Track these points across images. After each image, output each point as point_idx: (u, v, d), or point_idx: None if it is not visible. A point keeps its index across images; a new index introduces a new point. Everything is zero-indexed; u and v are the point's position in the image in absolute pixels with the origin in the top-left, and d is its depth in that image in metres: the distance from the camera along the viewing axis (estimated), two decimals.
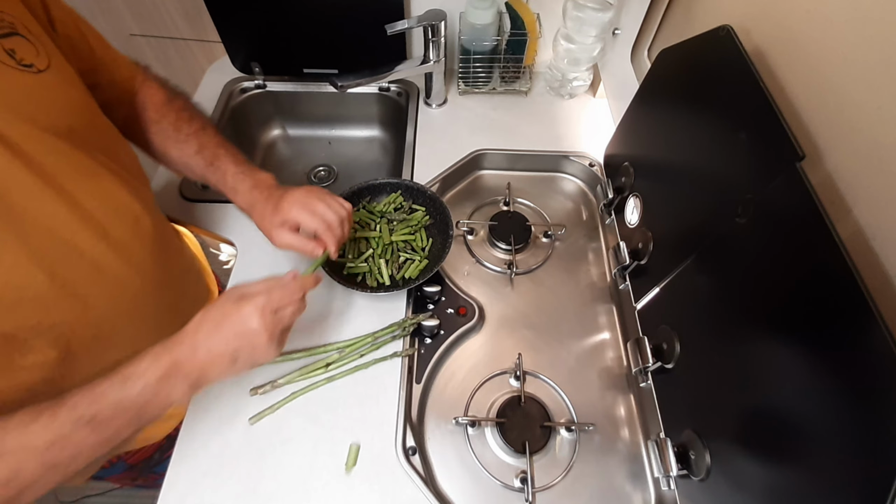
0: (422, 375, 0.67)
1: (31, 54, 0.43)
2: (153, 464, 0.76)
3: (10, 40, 0.41)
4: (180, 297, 0.63)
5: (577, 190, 0.92)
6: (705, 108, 0.57)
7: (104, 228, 0.48)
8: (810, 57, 0.47)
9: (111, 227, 0.48)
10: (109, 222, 0.48)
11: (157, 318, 0.57)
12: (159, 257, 0.57)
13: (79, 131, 0.46)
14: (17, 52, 0.41)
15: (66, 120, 0.45)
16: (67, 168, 0.44)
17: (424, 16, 0.82)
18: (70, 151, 0.45)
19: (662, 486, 0.59)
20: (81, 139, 0.46)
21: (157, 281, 0.56)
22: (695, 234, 0.57)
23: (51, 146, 0.43)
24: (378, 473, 0.59)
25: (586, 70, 0.95)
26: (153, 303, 0.56)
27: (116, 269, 0.49)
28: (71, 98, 0.47)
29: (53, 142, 0.43)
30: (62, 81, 0.46)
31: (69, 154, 0.45)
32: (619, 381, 0.69)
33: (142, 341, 0.53)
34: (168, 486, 0.58)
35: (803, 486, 0.38)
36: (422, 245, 0.76)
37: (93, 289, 0.48)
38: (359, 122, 1.10)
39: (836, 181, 0.44)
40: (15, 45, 0.41)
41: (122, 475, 0.75)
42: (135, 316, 0.54)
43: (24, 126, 0.41)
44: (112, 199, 0.49)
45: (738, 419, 0.47)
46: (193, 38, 1.19)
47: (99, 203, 0.47)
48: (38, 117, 0.42)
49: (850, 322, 0.36)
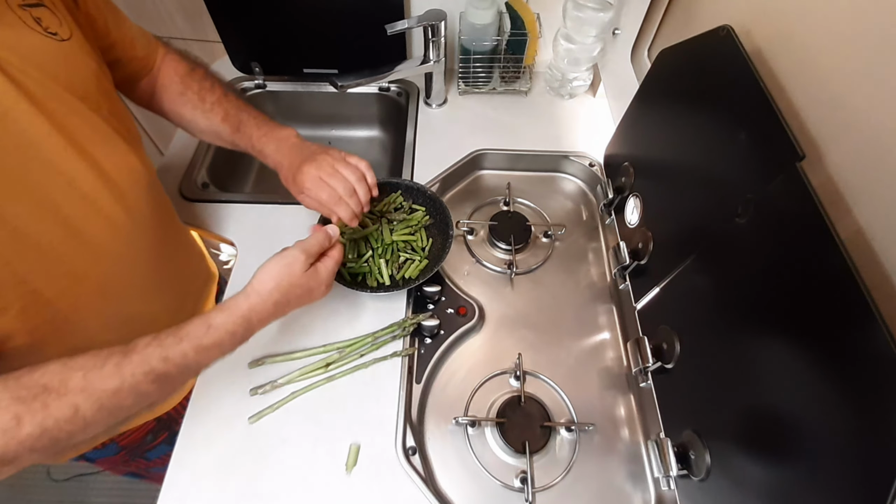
0: (422, 375, 0.67)
1: (55, 24, 0.45)
2: (145, 446, 0.76)
3: (37, 10, 0.44)
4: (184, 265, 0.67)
5: (577, 190, 0.92)
6: (705, 108, 0.57)
7: (121, 190, 0.51)
8: (810, 57, 0.47)
9: (127, 190, 0.51)
10: (125, 184, 0.51)
11: (160, 281, 0.60)
12: (165, 224, 0.61)
13: (95, 97, 0.49)
14: (43, 21, 0.44)
15: (85, 85, 0.48)
16: (87, 129, 0.47)
17: (424, 16, 0.82)
18: (88, 114, 0.47)
19: (662, 486, 0.59)
20: (97, 105, 0.49)
21: (165, 244, 0.60)
22: (695, 234, 0.57)
23: (73, 107, 0.46)
24: (378, 473, 0.59)
25: (586, 70, 0.95)
26: (158, 265, 0.59)
27: (129, 229, 0.52)
28: (89, 67, 0.49)
29: (75, 103, 0.46)
30: (82, 51, 0.48)
31: (88, 116, 0.47)
32: (619, 381, 0.69)
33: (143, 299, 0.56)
34: (168, 485, 0.58)
35: (803, 486, 0.38)
36: (422, 245, 0.76)
37: (105, 242, 0.50)
38: (359, 122, 1.10)
39: (836, 181, 0.44)
40: (41, 15, 0.44)
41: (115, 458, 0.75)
42: (141, 276, 0.56)
43: (51, 85, 0.43)
44: (126, 163, 0.52)
45: (738, 419, 0.47)
46: (193, 38, 1.19)
47: (114, 165, 0.50)
48: (63, 79, 0.45)
49: (850, 322, 0.36)
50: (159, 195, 0.60)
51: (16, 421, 0.37)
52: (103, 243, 0.50)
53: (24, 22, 0.42)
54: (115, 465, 0.81)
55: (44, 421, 0.38)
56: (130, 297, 0.57)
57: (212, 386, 0.65)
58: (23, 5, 0.43)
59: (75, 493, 1.35)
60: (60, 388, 0.39)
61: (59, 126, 0.44)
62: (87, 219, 0.48)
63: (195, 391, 0.65)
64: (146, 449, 0.77)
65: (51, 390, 0.39)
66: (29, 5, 0.43)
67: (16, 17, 0.42)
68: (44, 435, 0.38)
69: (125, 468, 0.83)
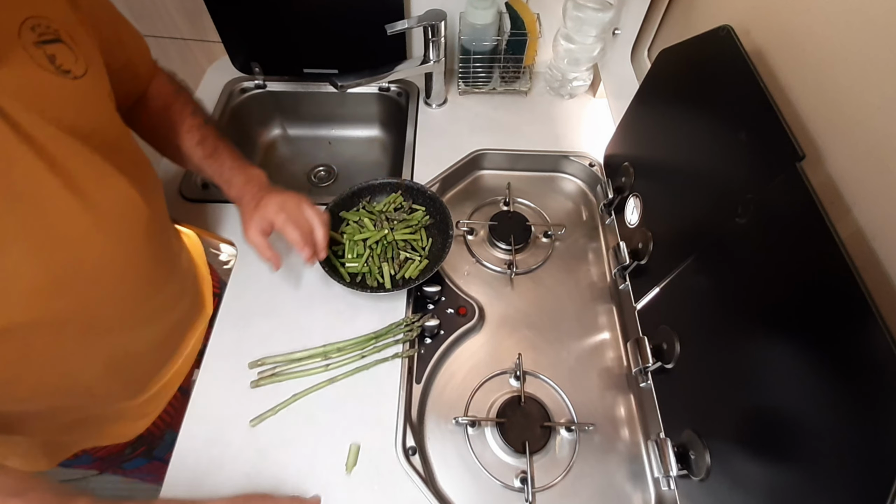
0: (422, 375, 0.67)
1: (70, 61, 0.45)
2: (123, 459, 0.75)
3: (52, 46, 0.43)
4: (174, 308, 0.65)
5: (577, 190, 0.92)
6: (705, 108, 0.57)
7: (115, 231, 0.50)
8: (810, 57, 0.47)
9: (121, 230, 0.50)
10: (121, 225, 0.50)
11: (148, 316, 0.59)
12: (160, 262, 0.59)
13: (100, 136, 0.48)
14: (58, 59, 0.44)
15: (91, 125, 0.47)
16: (86, 169, 0.46)
17: (424, 16, 0.82)
18: (89, 154, 0.46)
19: (662, 486, 0.59)
20: (101, 141, 0.48)
21: (155, 287, 0.58)
22: (695, 234, 0.57)
23: (73, 148, 0.45)
24: (378, 473, 0.59)
25: (586, 70, 0.95)
26: (147, 304, 0.57)
27: (118, 271, 0.51)
28: (100, 106, 0.49)
29: (75, 144, 0.45)
30: (95, 88, 0.48)
31: (88, 157, 0.46)
32: (619, 381, 0.69)
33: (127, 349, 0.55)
34: (168, 486, 0.58)
35: (803, 485, 0.38)
36: (422, 245, 0.76)
37: (93, 288, 0.49)
38: (359, 122, 1.10)
39: (836, 181, 0.44)
40: (56, 51, 0.44)
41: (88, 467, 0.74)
42: (129, 315, 0.55)
43: (51, 128, 0.43)
44: (125, 201, 0.51)
45: (738, 419, 0.47)
46: (193, 38, 1.19)
47: (112, 205, 0.49)
48: (67, 121, 0.44)
49: (850, 322, 0.36)
50: (160, 227, 0.58)
51: None
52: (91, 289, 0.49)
53: (35, 61, 0.42)
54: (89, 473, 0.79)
55: None
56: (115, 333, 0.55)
57: (212, 386, 0.65)
58: (38, 42, 0.42)
59: None
60: None
61: (57, 168, 0.43)
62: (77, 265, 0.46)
63: (195, 391, 0.65)
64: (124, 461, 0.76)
65: None
66: (45, 41, 0.43)
67: (27, 55, 0.41)
68: None
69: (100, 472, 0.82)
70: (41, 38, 0.42)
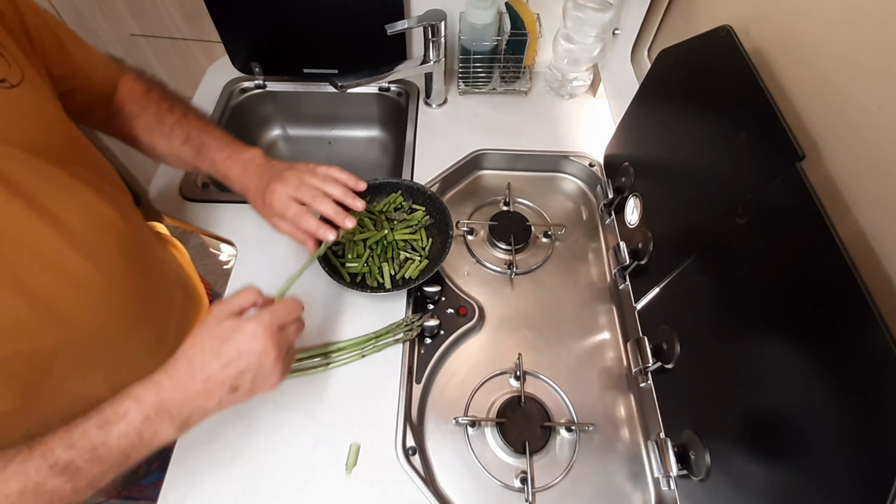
0: (422, 375, 0.67)
1: (3, 69, 0.40)
2: (139, 477, 0.74)
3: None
4: (166, 311, 0.61)
5: (577, 190, 0.92)
6: (705, 109, 0.57)
7: (90, 247, 0.45)
8: (810, 57, 0.47)
9: (96, 245, 0.46)
10: (94, 239, 0.46)
11: (142, 335, 0.55)
12: (144, 270, 0.55)
13: (54, 146, 0.44)
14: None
15: (42, 136, 0.43)
16: (46, 185, 0.42)
17: (424, 16, 0.82)
18: (47, 168, 0.42)
19: (662, 486, 0.59)
20: (57, 154, 0.44)
21: (142, 296, 0.54)
22: (695, 234, 0.57)
23: (28, 164, 0.41)
24: (378, 473, 0.59)
25: (586, 70, 0.95)
26: (137, 320, 0.54)
27: (101, 287, 0.47)
28: (45, 113, 0.44)
29: (30, 159, 0.41)
30: (36, 96, 0.44)
31: (46, 170, 0.42)
32: (619, 381, 0.69)
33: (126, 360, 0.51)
34: (168, 486, 0.58)
35: (803, 486, 0.38)
36: (422, 245, 0.76)
37: (77, 309, 0.45)
38: (359, 122, 1.10)
39: (836, 181, 0.44)
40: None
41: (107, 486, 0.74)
42: (119, 335, 0.52)
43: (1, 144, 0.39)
44: (94, 214, 0.47)
45: (738, 419, 0.47)
46: (193, 38, 1.19)
47: (81, 219, 0.45)
48: (13, 135, 0.40)
49: (850, 322, 0.36)
50: (137, 237, 0.54)
51: None
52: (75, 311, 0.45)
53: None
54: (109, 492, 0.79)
55: None
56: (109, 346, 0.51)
57: None
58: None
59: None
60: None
61: (14, 188, 0.39)
62: (55, 289, 0.43)
63: None
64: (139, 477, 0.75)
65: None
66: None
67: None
68: None
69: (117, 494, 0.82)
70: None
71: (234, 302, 0.47)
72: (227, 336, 0.44)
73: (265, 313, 0.46)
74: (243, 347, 0.44)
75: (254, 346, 0.44)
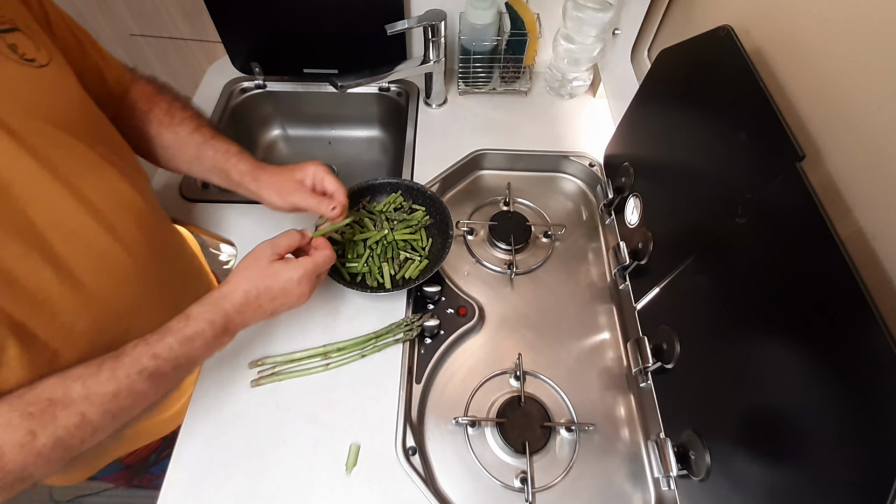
0: (422, 375, 0.67)
1: (32, 50, 0.43)
2: (149, 465, 0.76)
3: (12, 35, 0.42)
4: (182, 293, 0.63)
5: (577, 190, 0.92)
6: (705, 108, 0.57)
7: (110, 221, 0.48)
8: (810, 57, 0.47)
9: (116, 220, 0.49)
10: (114, 215, 0.49)
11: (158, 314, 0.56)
12: (162, 251, 0.59)
13: (80, 124, 0.47)
14: (19, 48, 0.42)
15: (68, 113, 0.46)
16: (72, 160, 0.45)
17: (424, 16, 0.82)
18: (73, 144, 0.45)
19: (662, 486, 0.59)
20: (82, 132, 0.47)
21: (161, 273, 0.58)
22: (695, 234, 0.57)
23: (55, 139, 0.44)
24: (378, 473, 0.59)
25: (586, 70, 0.95)
26: (156, 295, 0.57)
27: (121, 261, 0.50)
28: (72, 93, 0.47)
29: (57, 134, 0.44)
30: (63, 77, 0.46)
31: (72, 147, 0.45)
32: (619, 381, 0.69)
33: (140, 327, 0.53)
34: (168, 486, 0.58)
35: (803, 486, 0.38)
36: (422, 245, 0.76)
37: (98, 281, 0.48)
38: (359, 122, 1.10)
39: (836, 181, 0.44)
40: (17, 41, 0.42)
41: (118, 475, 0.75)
42: (136, 311, 0.54)
43: (30, 119, 0.42)
44: (115, 192, 0.50)
45: (738, 419, 0.47)
46: (193, 38, 1.19)
47: (103, 196, 0.48)
48: (42, 110, 0.43)
49: (850, 322, 0.36)
50: (154, 218, 0.57)
51: (31, 436, 0.39)
52: (96, 280, 0.48)
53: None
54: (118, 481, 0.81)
55: (56, 431, 0.40)
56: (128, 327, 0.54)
57: (212, 386, 0.65)
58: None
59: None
60: (65, 399, 0.41)
61: (43, 160, 0.42)
62: (78, 256, 0.46)
63: (195, 392, 0.65)
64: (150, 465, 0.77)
65: (56, 402, 0.40)
66: (2, 31, 0.41)
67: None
68: (57, 445, 0.40)
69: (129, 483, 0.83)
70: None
71: (280, 245, 0.55)
72: (276, 276, 0.53)
73: (308, 262, 0.55)
74: (289, 288, 0.53)
75: (298, 288, 0.54)
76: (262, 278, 0.52)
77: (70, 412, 0.41)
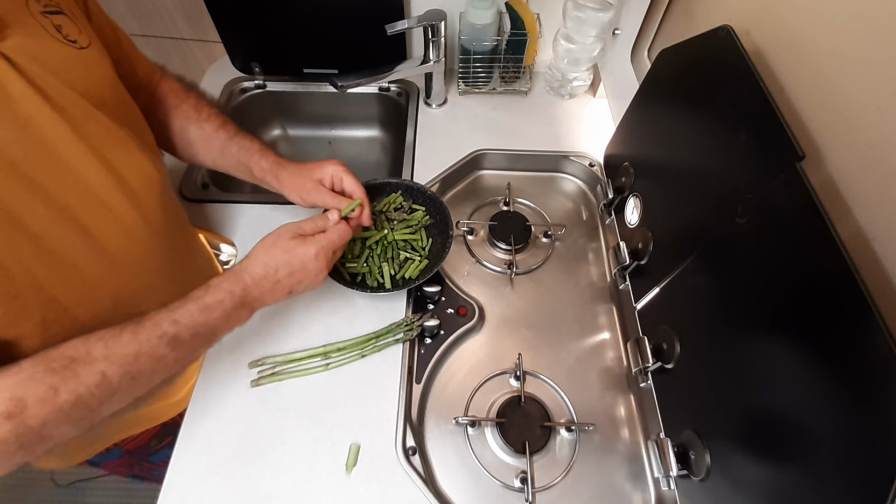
0: (422, 375, 0.67)
1: (75, 32, 0.46)
2: (149, 451, 0.77)
3: (57, 17, 0.45)
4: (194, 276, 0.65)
5: (577, 190, 0.92)
6: (705, 109, 0.57)
7: (137, 196, 0.51)
8: (810, 57, 0.47)
9: (142, 196, 0.52)
10: (141, 190, 0.52)
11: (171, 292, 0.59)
12: (178, 231, 0.62)
13: (112, 104, 0.49)
14: (63, 28, 0.45)
15: (103, 93, 0.48)
16: (105, 135, 0.48)
17: (424, 16, 0.82)
18: (106, 121, 0.48)
19: (662, 486, 0.59)
20: (113, 111, 0.49)
21: (175, 253, 0.60)
22: (695, 235, 0.57)
23: (91, 114, 0.46)
24: (378, 473, 0.59)
25: (586, 70, 0.95)
26: (169, 275, 0.59)
27: (143, 235, 0.53)
28: (107, 75, 0.50)
29: (92, 111, 0.46)
30: (100, 59, 0.49)
31: (105, 123, 0.48)
32: (619, 381, 0.69)
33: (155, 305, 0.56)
34: (168, 485, 0.58)
35: (803, 486, 0.38)
36: (422, 245, 0.76)
37: (121, 251, 0.50)
38: (359, 122, 1.10)
39: (836, 181, 0.44)
40: (62, 22, 0.45)
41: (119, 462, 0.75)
42: (153, 285, 0.57)
43: (70, 92, 0.44)
44: (142, 169, 0.52)
45: (738, 419, 0.47)
46: (193, 38, 1.19)
47: (131, 171, 0.50)
48: (81, 87, 0.45)
49: (850, 322, 0.36)
50: (172, 201, 0.61)
51: (52, 391, 0.39)
52: (119, 250, 0.50)
53: (45, 30, 0.43)
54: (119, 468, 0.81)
55: (76, 388, 0.41)
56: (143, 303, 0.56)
57: (212, 386, 0.65)
58: (44, 12, 0.44)
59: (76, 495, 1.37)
60: (86, 357, 0.42)
61: (80, 132, 0.45)
62: (104, 225, 0.48)
63: (195, 391, 0.65)
64: (151, 453, 0.78)
65: (78, 360, 0.41)
66: (49, 12, 0.44)
67: (38, 24, 0.42)
68: (78, 402, 0.41)
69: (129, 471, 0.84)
70: (46, 9, 0.44)
71: (304, 228, 0.57)
72: (294, 251, 0.54)
73: (324, 239, 0.56)
74: (307, 264, 0.55)
75: (315, 265, 0.55)
76: (282, 252, 0.54)
77: (91, 370, 0.42)
